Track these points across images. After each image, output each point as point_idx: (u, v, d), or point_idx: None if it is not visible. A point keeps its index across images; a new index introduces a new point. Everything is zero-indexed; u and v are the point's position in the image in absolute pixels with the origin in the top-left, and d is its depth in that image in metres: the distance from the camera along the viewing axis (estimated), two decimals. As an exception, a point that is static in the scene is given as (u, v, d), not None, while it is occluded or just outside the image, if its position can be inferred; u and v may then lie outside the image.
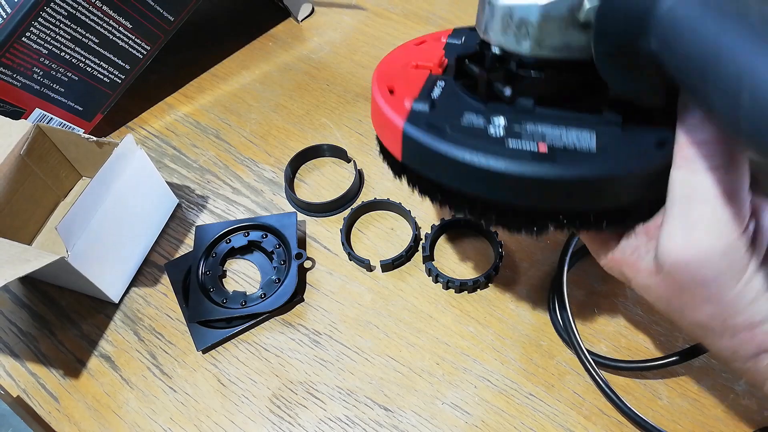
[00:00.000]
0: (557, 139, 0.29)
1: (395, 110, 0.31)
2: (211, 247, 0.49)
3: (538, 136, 0.29)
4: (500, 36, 0.29)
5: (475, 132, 0.29)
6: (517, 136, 0.29)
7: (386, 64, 0.36)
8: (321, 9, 0.71)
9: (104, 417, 0.43)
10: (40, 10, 0.49)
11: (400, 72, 0.35)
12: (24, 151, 0.48)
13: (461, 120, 0.30)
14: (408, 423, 0.41)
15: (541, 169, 0.27)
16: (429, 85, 0.33)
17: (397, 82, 0.34)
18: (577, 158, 0.28)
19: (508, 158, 0.28)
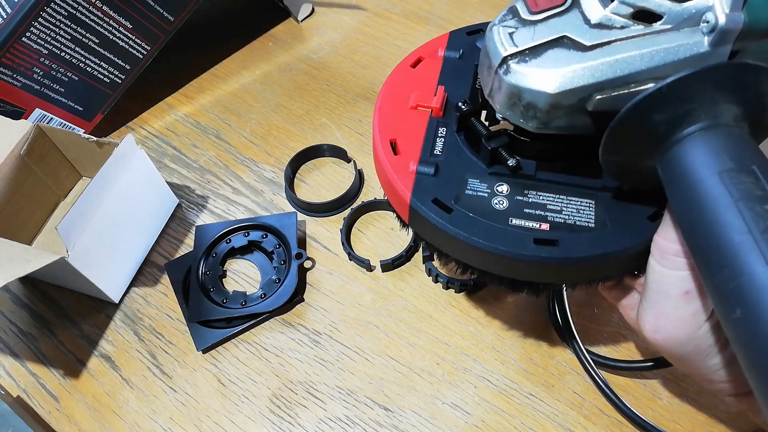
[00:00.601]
0: (558, 214, 0.31)
1: (401, 177, 0.32)
2: (211, 247, 0.49)
3: (540, 210, 0.31)
4: (506, 110, 0.29)
5: (479, 205, 0.31)
6: (519, 211, 0.31)
7: (385, 101, 0.36)
8: (321, 9, 0.71)
9: (104, 417, 0.43)
10: (41, 11, 0.49)
11: (401, 116, 0.35)
12: (24, 151, 0.48)
13: (466, 189, 0.31)
14: (408, 423, 0.41)
15: (542, 253, 0.29)
16: (431, 135, 0.34)
17: (400, 133, 0.34)
18: (577, 239, 0.29)
19: (510, 241, 0.29)
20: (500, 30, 0.28)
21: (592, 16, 0.27)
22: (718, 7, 0.25)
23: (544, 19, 0.28)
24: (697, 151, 0.24)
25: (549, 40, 0.27)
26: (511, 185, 0.32)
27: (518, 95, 0.28)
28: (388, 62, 0.64)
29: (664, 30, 0.26)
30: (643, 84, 0.26)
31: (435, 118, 0.35)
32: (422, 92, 0.36)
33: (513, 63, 0.27)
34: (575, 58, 0.27)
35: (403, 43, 0.66)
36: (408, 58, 0.38)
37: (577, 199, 0.31)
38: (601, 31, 0.27)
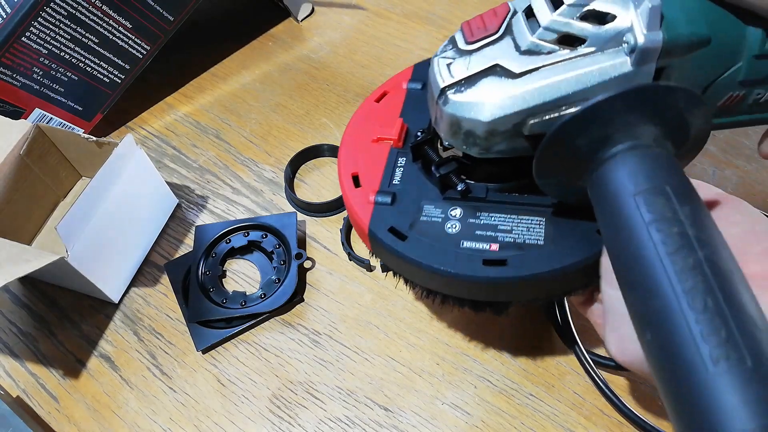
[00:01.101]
0: (508, 234, 0.32)
1: (361, 208, 0.34)
2: (210, 247, 0.49)
3: (490, 231, 0.32)
4: (449, 137, 0.30)
5: (433, 230, 0.32)
6: (471, 233, 0.32)
7: (350, 137, 0.38)
8: (321, 9, 0.71)
9: (104, 417, 0.43)
10: (40, 10, 0.49)
11: (364, 150, 0.37)
12: (24, 151, 0.48)
13: (421, 215, 0.33)
14: (408, 423, 0.41)
15: (491, 273, 0.30)
16: (391, 165, 0.36)
17: (362, 165, 0.36)
18: (525, 257, 0.30)
19: (461, 263, 0.31)
20: (439, 61, 0.30)
21: (522, 42, 0.28)
22: (636, 28, 0.26)
23: (479, 48, 0.29)
24: (616, 174, 0.24)
25: (482, 70, 0.28)
26: (463, 208, 0.33)
27: (457, 124, 0.29)
28: (388, 62, 0.64)
29: (589, 53, 0.27)
30: (573, 106, 0.27)
31: (395, 149, 0.37)
32: (384, 125, 0.38)
33: (450, 93, 0.29)
34: (506, 85, 0.28)
35: (403, 43, 0.66)
36: (373, 94, 0.40)
37: (528, 217, 0.32)
38: (530, 58, 0.28)
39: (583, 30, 0.27)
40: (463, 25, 0.30)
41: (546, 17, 0.27)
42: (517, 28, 0.28)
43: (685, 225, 0.22)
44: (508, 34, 0.29)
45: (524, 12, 0.28)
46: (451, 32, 0.38)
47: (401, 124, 0.37)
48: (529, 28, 0.28)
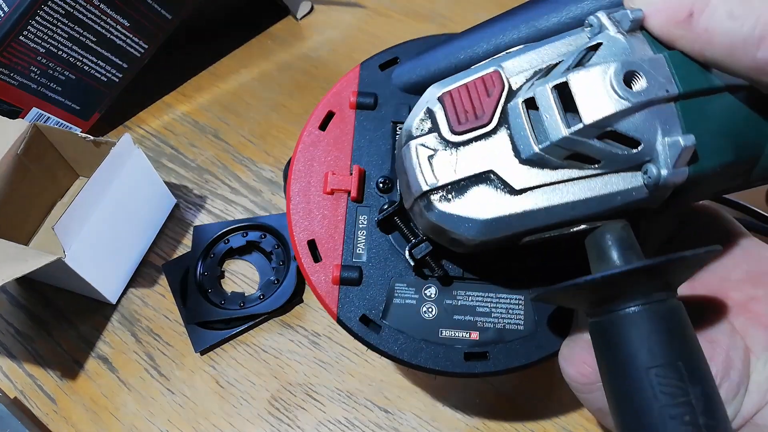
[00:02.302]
0: (487, 317, 0.30)
1: (325, 289, 0.30)
2: (209, 248, 0.48)
3: (469, 315, 0.30)
4: (430, 235, 0.28)
5: (408, 316, 0.30)
6: (449, 318, 0.30)
7: (298, 183, 0.32)
8: (320, 7, 0.70)
9: (102, 419, 0.42)
10: (38, 9, 0.49)
11: (317, 205, 0.32)
12: (21, 151, 0.48)
13: (394, 296, 0.30)
14: (408, 425, 0.40)
15: (473, 369, 0.29)
16: (351, 226, 0.31)
17: (317, 230, 0.31)
18: (506, 349, 0.29)
19: (442, 359, 0.29)
20: (418, 150, 0.25)
21: (524, 150, 0.24)
22: (661, 160, 0.22)
23: (468, 141, 0.24)
24: (629, 335, 0.22)
25: (473, 175, 0.24)
26: (438, 288, 0.31)
27: (442, 231, 0.26)
28: (388, 61, 0.64)
29: (601, 173, 0.23)
30: (576, 226, 0.24)
31: (354, 204, 0.32)
32: (336, 168, 0.32)
33: (435, 200, 0.25)
34: (503, 202, 0.24)
35: (403, 42, 0.65)
36: (316, 114, 0.33)
37: (506, 295, 0.30)
38: (532, 170, 0.24)
39: (600, 152, 0.23)
40: (446, 102, 0.25)
41: (558, 132, 0.22)
42: (516, 123, 0.24)
43: (696, 412, 0.21)
44: (503, 125, 0.24)
45: (525, 103, 0.24)
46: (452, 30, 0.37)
47: (358, 172, 0.32)
48: (532, 131, 0.23)
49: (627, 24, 0.23)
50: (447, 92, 0.25)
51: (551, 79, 0.23)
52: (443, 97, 0.25)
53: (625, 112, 0.22)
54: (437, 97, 0.25)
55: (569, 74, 0.22)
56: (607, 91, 0.22)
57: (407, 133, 0.26)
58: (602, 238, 0.24)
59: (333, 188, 0.31)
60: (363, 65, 0.35)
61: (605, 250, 0.24)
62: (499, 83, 0.24)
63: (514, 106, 0.24)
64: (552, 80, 0.23)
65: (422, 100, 0.26)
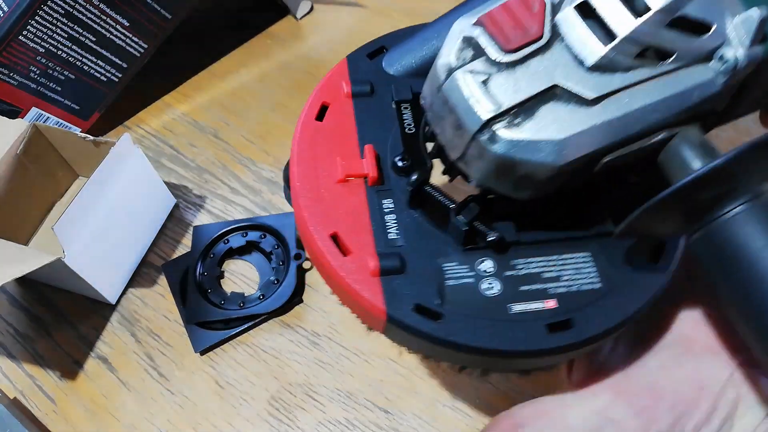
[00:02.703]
0: (557, 282, 0.26)
1: (361, 283, 0.26)
2: (209, 248, 0.48)
3: (537, 284, 0.26)
4: (489, 180, 0.24)
5: (469, 298, 0.25)
6: (515, 291, 0.26)
7: (304, 180, 0.29)
8: (320, 6, 0.70)
9: (101, 419, 0.42)
10: (38, 9, 0.49)
11: (331, 197, 0.28)
12: (20, 151, 0.48)
13: (445, 279, 0.26)
14: (408, 426, 0.40)
15: (558, 342, 0.24)
16: (377, 214, 0.28)
17: (338, 221, 0.27)
18: (591, 313, 0.25)
19: (522, 336, 0.24)
20: (467, 78, 0.22)
21: (588, 56, 0.22)
22: (735, 42, 0.21)
23: (523, 59, 0.22)
24: (743, 228, 0.21)
25: (538, 93, 0.22)
26: (494, 259, 0.26)
27: (510, 167, 0.23)
28: (387, 60, 0.64)
29: (674, 69, 0.22)
30: (655, 136, 0.23)
31: (373, 188, 0.28)
32: (345, 155, 0.29)
33: (500, 129, 0.22)
34: (579, 116, 0.22)
35: (403, 42, 0.65)
36: (310, 108, 0.31)
37: (571, 255, 0.27)
38: (603, 76, 0.22)
39: (673, 42, 0.21)
40: (487, 24, 0.23)
41: (627, 25, 0.21)
42: (571, 31, 0.22)
43: None
44: (556, 39, 0.22)
45: (577, 8, 0.22)
46: None
47: (372, 152, 0.29)
48: (596, 34, 0.22)
49: None
50: (485, 15, 0.23)
51: None
52: (483, 20, 0.23)
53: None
54: (473, 23, 0.23)
55: None
56: None
57: (446, 67, 0.23)
58: (681, 145, 0.23)
59: (348, 174, 0.28)
60: (349, 57, 0.33)
61: (687, 156, 0.22)
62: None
63: (565, 15, 0.22)
64: None
65: (452, 34, 0.24)
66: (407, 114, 0.31)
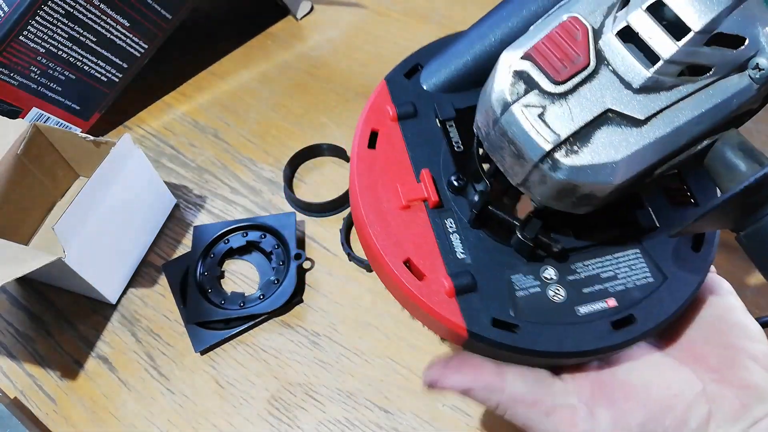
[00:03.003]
0: (615, 281, 0.28)
1: (439, 304, 0.27)
2: (209, 248, 0.48)
3: (597, 284, 0.28)
4: (551, 201, 0.26)
5: (539, 306, 0.27)
6: (579, 294, 0.28)
7: (369, 209, 0.30)
8: (320, 7, 0.70)
9: (101, 419, 0.42)
10: (38, 9, 0.49)
11: (397, 224, 0.29)
12: (21, 151, 0.48)
13: (515, 290, 0.28)
14: (408, 425, 0.40)
15: (625, 337, 0.27)
16: (443, 236, 0.29)
17: (409, 247, 0.28)
18: (650, 305, 0.27)
19: (591, 336, 0.26)
20: (525, 112, 0.24)
21: (634, 79, 0.23)
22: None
23: (574, 88, 0.24)
24: None
25: (592, 120, 0.23)
26: (556, 266, 0.28)
27: (572, 189, 0.24)
28: (388, 60, 0.63)
29: (713, 81, 0.23)
30: (700, 144, 0.24)
31: (434, 211, 0.30)
32: (403, 180, 0.30)
33: (560, 156, 0.23)
34: (632, 137, 0.23)
35: (404, 41, 0.65)
36: (361, 137, 0.32)
37: (623, 253, 0.29)
38: (649, 97, 0.23)
39: (712, 58, 0.23)
40: (536, 57, 0.24)
41: (668, 48, 0.22)
42: (615, 56, 0.23)
43: None
44: (602, 64, 0.24)
45: (619, 34, 0.23)
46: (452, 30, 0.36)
47: (428, 176, 0.30)
48: (638, 58, 0.23)
49: None
50: (532, 48, 0.24)
51: (637, 3, 0.23)
52: (530, 53, 0.24)
53: (727, 10, 0.22)
54: (521, 57, 0.24)
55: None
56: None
57: (501, 102, 0.24)
58: (724, 149, 0.24)
59: (409, 200, 0.30)
60: (387, 79, 0.34)
61: (732, 159, 0.24)
62: (581, 26, 0.24)
63: (607, 41, 0.24)
64: (640, 4, 0.23)
65: (500, 67, 0.25)
66: (453, 132, 0.32)
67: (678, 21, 0.22)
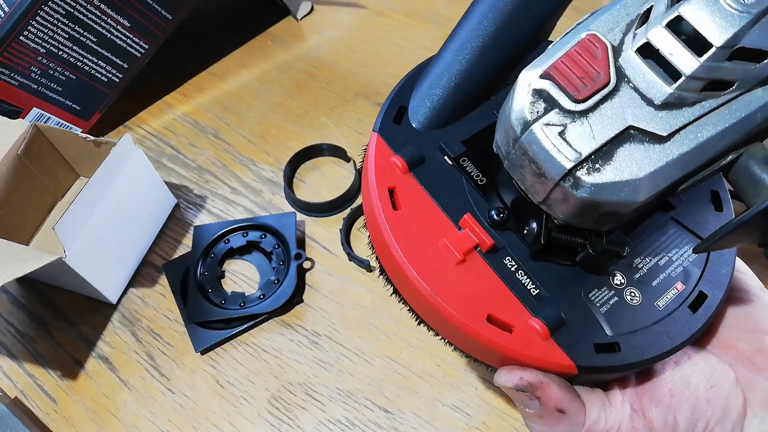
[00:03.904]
0: (673, 265, 0.28)
1: (539, 352, 0.26)
2: (209, 248, 0.49)
3: (661, 273, 0.28)
4: (574, 219, 0.25)
5: (624, 314, 0.27)
6: (650, 288, 0.28)
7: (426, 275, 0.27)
8: (320, 7, 0.70)
9: (102, 418, 0.43)
10: (39, 9, 0.49)
11: (460, 281, 0.27)
12: (21, 151, 0.48)
13: (598, 307, 0.27)
14: (408, 425, 0.40)
15: (705, 316, 0.27)
16: (510, 278, 0.28)
17: (481, 302, 0.27)
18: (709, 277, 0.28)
19: (680, 328, 0.27)
20: (545, 131, 0.23)
21: (656, 96, 0.23)
22: None
23: (595, 106, 0.23)
24: None
25: (614, 137, 0.23)
26: (621, 269, 0.28)
27: (595, 207, 0.24)
28: (388, 61, 0.64)
29: (737, 96, 0.23)
30: (724, 158, 0.24)
31: (489, 254, 0.28)
32: (445, 233, 0.28)
33: (582, 175, 0.23)
34: (655, 153, 0.23)
35: (404, 42, 0.65)
36: (382, 201, 0.29)
37: (665, 235, 0.29)
38: (672, 113, 0.23)
39: (734, 73, 0.22)
40: (555, 75, 0.24)
41: (690, 64, 0.22)
42: (636, 73, 0.23)
43: None
44: (622, 81, 0.23)
45: (639, 51, 0.23)
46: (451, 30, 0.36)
47: (472, 221, 0.28)
48: (660, 74, 0.23)
49: None
50: (551, 66, 0.24)
51: (657, 20, 0.23)
52: (549, 71, 0.24)
53: (748, 25, 0.21)
54: (540, 75, 0.24)
55: (679, 7, 0.22)
56: (726, 10, 0.21)
57: (521, 121, 0.24)
58: (749, 163, 0.24)
59: (463, 253, 0.28)
60: (379, 131, 0.31)
61: (758, 173, 0.24)
62: (601, 43, 0.23)
63: (628, 58, 0.23)
64: (659, 20, 0.22)
65: (519, 86, 0.24)
66: (469, 166, 0.31)
67: (699, 36, 0.22)
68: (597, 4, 0.33)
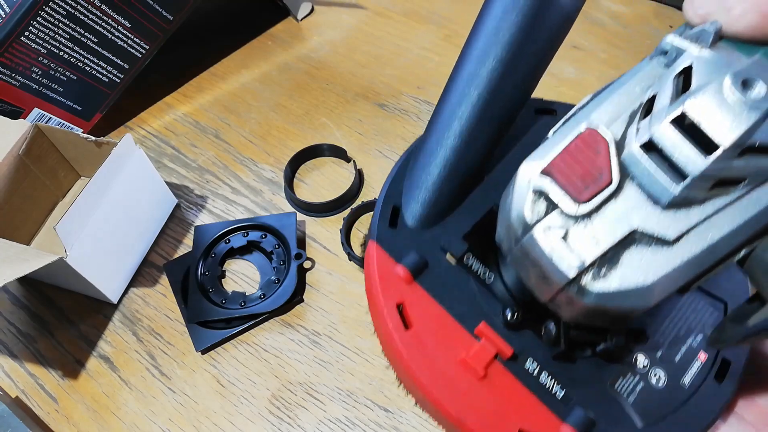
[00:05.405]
0: (691, 334, 0.27)
1: None
2: (210, 248, 0.49)
3: (681, 345, 0.27)
4: (581, 319, 0.24)
5: (650, 400, 0.26)
6: (673, 366, 0.27)
7: (449, 401, 0.26)
8: (321, 8, 0.70)
9: (103, 418, 0.43)
10: (39, 9, 0.49)
11: (489, 396, 0.26)
12: (23, 151, 0.48)
13: (626, 397, 0.26)
14: (408, 424, 0.41)
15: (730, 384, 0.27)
16: (532, 383, 0.26)
17: (510, 417, 0.26)
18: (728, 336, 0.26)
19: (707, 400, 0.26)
20: (546, 236, 0.22)
21: (662, 196, 0.21)
22: None
23: (598, 207, 0.22)
24: None
25: (619, 241, 0.21)
26: (644, 351, 0.27)
27: (602, 312, 0.22)
28: (388, 61, 0.64)
29: (748, 191, 0.21)
30: (737, 254, 0.23)
31: (509, 363, 0.27)
32: (463, 347, 0.27)
33: (586, 282, 0.22)
34: (663, 257, 0.21)
35: (404, 42, 0.66)
36: (390, 318, 0.27)
37: (681, 302, 0.28)
38: (679, 213, 0.21)
39: (744, 170, 0.21)
40: (556, 174, 0.22)
41: (697, 164, 0.20)
42: (641, 171, 0.22)
43: None
44: (626, 179, 0.22)
45: (643, 147, 0.21)
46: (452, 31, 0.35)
47: (486, 330, 0.27)
48: (666, 171, 0.21)
49: (709, 38, 0.21)
50: (551, 164, 0.22)
51: (661, 115, 0.21)
52: (549, 169, 0.22)
53: (758, 122, 0.20)
54: (540, 172, 0.22)
55: (685, 101, 0.20)
56: (733, 107, 0.20)
57: (521, 221, 0.23)
58: (765, 256, 0.23)
59: (484, 367, 0.26)
60: (377, 240, 0.29)
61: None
62: (602, 138, 0.22)
63: (631, 154, 0.22)
64: (664, 116, 0.21)
65: (519, 183, 0.23)
66: (474, 263, 0.29)
67: (706, 135, 0.20)
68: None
